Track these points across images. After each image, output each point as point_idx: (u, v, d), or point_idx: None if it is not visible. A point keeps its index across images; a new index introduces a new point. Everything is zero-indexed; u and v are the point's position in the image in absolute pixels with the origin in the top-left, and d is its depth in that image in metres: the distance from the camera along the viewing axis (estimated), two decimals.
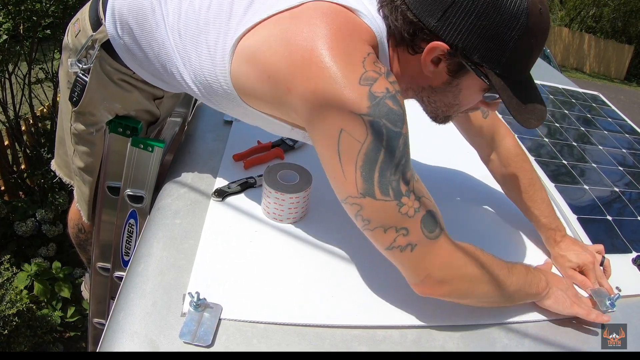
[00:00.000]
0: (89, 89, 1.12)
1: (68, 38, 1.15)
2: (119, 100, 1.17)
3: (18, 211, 2.61)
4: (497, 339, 0.93)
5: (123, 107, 1.18)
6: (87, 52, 1.10)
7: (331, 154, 0.83)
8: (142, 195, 1.21)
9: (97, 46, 1.08)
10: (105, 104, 1.16)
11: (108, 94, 1.15)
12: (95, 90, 1.13)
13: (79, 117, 1.18)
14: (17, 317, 2.01)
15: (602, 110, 2.11)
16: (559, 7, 17.04)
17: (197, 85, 1.00)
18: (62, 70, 1.20)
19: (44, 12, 2.64)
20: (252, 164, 1.27)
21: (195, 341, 0.81)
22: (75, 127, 1.21)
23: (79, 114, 1.17)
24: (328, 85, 0.78)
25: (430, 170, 1.41)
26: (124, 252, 1.31)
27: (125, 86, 1.15)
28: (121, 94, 1.16)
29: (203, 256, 0.99)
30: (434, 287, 0.88)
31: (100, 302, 1.48)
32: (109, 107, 1.17)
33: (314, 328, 0.88)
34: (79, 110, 1.16)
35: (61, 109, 1.27)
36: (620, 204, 1.42)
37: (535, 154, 1.56)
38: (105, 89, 1.14)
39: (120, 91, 1.15)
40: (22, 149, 2.98)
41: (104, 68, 1.11)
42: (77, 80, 1.13)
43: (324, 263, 1.02)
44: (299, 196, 1.09)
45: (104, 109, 1.17)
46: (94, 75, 1.11)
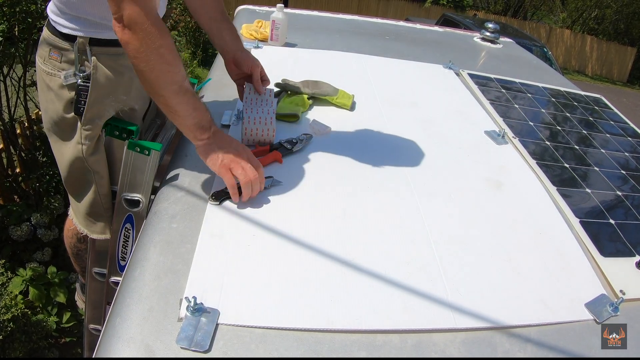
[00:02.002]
0: (94, 88, 1.17)
1: (47, 68, 1.22)
2: (123, 90, 1.22)
3: (13, 215, 2.61)
4: (499, 344, 0.92)
5: (128, 97, 1.24)
6: (82, 57, 1.16)
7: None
8: (139, 199, 1.20)
9: (87, 47, 1.15)
10: (111, 99, 1.21)
11: (113, 87, 1.20)
12: (101, 87, 1.18)
13: (88, 123, 1.20)
14: (12, 323, 2.00)
15: (604, 113, 2.10)
16: (560, 8, 17.12)
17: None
18: (49, 98, 1.25)
19: (39, 13, 2.63)
20: None
21: (193, 346, 0.80)
22: (89, 143, 1.22)
23: (88, 121, 1.19)
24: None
25: (430, 167, 1.40)
26: (120, 256, 1.30)
27: (127, 73, 1.21)
28: (125, 83, 1.21)
29: (200, 260, 0.98)
30: (121, 29, 0.96)
31: (96, 308, 1.47)
32: (115, 101, 1.21)
33: (313, 333, 0.87)
34: (88, 116, 1.18)
35: (60, 149, 1.30)
36: (624, 208, 1.40)
37: (538, 157, 1.55)
38: (110, 83, 1.19)
39: (124, 80, 1.21)
40: (17, 152, 2.96)
41: (104, 62, 1.16)
42: (80, 89, 1.17)
43: (322, 267, 1.01)
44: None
45: (110, 107, 1.21)
46: (96, 75, 1.16)
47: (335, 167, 1.33)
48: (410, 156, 1.44)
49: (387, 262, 1.05)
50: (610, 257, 1.19)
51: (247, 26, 2.30)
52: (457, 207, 1.26)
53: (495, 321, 0.96)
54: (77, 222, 1.41)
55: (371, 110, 1.69)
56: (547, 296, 1.04)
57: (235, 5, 3.02)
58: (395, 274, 1.02)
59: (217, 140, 1.10)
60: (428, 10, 14.76)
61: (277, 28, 2.14)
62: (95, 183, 1.30)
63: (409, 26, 3.08)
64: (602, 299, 1.06)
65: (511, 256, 1.13)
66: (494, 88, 2.07)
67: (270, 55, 2.05)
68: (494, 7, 17.07)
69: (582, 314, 1.02)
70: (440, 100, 1.86)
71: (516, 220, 1.26)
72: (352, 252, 1.06)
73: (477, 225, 1.21)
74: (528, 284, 1.06)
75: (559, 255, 1.17)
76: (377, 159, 1.40)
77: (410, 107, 1.76)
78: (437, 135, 1.59)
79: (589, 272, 1.14)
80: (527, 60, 2.79)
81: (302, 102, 1.61)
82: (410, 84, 1.98)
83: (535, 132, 1.73)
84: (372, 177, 1.31)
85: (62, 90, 1.20)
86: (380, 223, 1.16)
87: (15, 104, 2.83)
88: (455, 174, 1.40)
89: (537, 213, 1.30)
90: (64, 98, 1.20)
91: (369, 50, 2.32)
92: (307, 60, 2.05)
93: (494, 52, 2.82)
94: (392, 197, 1.25)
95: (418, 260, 1.07)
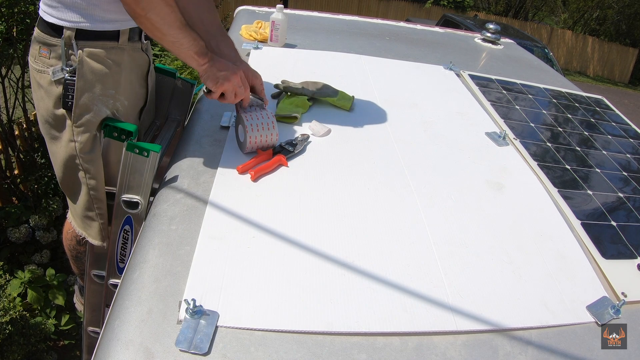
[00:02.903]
0: (80, 81, 1.19)
1: (38, 66, 1.24)
2: (111, 84, 1.24)
3: (11, 217, 2.60)
4: (500, 347, 0.92)
5: (117, 92, 1.26)
6: (68, 52, 1.18)
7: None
8: (138, 200, 1.20)
9: (74, 41, 1.17)
10: (99, 94, 1.22)
11: (100, 81, 1.22)
12: (87, 81, 1.19)
13: (79, 119, 1.20)
14: (10, 325, 2.00)
15: (605, 115, 2.10)
16: (561, 9, 17.10)
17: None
18: (43, 101, 1.26)
19: (37, 14, 2.63)
20: (258, 174, 1.25)
21: (192, 349, 0.80)
22: (81, 140, 1.22)
23: (78, 117, 1.19)
24: None
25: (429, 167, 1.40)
26: (119, 259, 1.29)
27: (114, 67, 1.24)
28: (112, 77, 1.24)
29: (199, 262, 0.97)
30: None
31: (94, 310, 1.47)
32: (103, 95, 1.23)
33: (313, 335, 0.87)
34: (77, 111, 1.18)
35: (54, 151, 1.31)
36: (625, 210, 1.40)
37: (539, 159, 1.54)
38: (96, 77, 1.20)
39: (111, 73, 1.23)
40: (16, 154, 2.95)
41: (90, 56, 1.19)
42: (67, 83, 1.18)
43: (322, 268, 1.01)
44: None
45: (99, 102, 1.22)
46: (82, 68, 1.18)
47: (335, 169, 1.33)
48: (411, 158, 1.44)
49: (387, 263, 1.04)
50: (612, 259, 1.18)
51: (246, 27, 2.29)
52: (458, 209, 1.26)
53: (496, 323, 0.95)
54: (75, 224, 1.41)
55: (371, 112, 1.68)
56: (548, 298, 1.04)
57: (235, 6, 3.02)
58: (395, 276, 1.01)
59: (215, 63, 1.23)
60: (428, 11, 14.75)
61: (276, 29, 2.14)
62: (87, 184, 1.30)
63: (410, 27, 3.08)
64: (603, 302, 1.06)
65: (512, 258, 1.13)
66: (494, 89, 2.06)
67: (269, 56, 2.04)
68: (495, 7, 17.07)
69: (583, 317, 1.02)
70: (440, 102, 1.86)
71: (517, 222, 1.25)
72: (352, 253, 1.05)
73: (477, 227, 1.21)
74: (529, 286, 1.06)
75: (560, 257, 1.16)
76: (377, 160, 1.39)
77: (411, 108, 1.75)
78: (437, 136, 1.59)
79: (591, 274, 1.13)
80: (528, 61, 2.79)
81: (302, 104, 1.61)
82: (410, 85, 1.97)
83: (536, 134, 1.73)
84: (373, 178, 1.31)
85: (51, 86, 1.21)
86: (380, 225, 1.15)
87: (14, 105, 2.83)
88: (456, 176, 1.40)
89: (538, 215, 1.30)
90: (53, 94, 1.21)
91: (369, 51, 2.31)
92: (306, 61, 2.05)
93: (494, 53, 2.81)
94: (392, 198, 1.25)
95: (418, 262, 1.06)
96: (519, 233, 1.22)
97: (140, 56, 1.35)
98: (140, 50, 1.34)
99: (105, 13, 1.19)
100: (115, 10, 1.19)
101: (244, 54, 2.02)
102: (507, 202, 1.32)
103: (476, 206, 1.28)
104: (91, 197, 1.33)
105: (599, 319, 1.01)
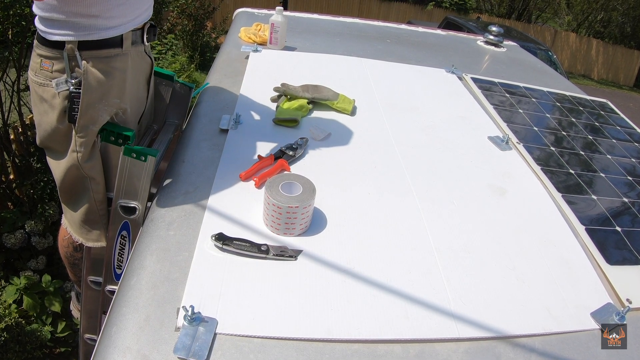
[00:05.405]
0: (86, 93, 1.15)
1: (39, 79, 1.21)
2: (116, 92, 1.21)
3: (6, 223, 2.59)
4: (503, 354, 0.91)
5: (122, 100, 1.23)
6: (72, 64, 1.15)
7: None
8: (135, 206, 1.19)
9: (77, 52, 1.14)
10: (104, 103, 1.19)
11: (105, 91, 1.18)
12: (93, 91, 1.16)
13: (83, 130, 1.19)
14: (5, 332, 1.99)
15: (610, 118, 2.09)
16: (565, 11, 17.09)
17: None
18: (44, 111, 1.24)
19: (33, 16, 2.63)
20: (262, 180, 1.23)
21: (190, 357, 0.80)
22: (83, 150, 1.22)
23: (82, 128, 1.18)
24: None
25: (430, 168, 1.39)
26: (116, 265, 1.28)
27: (120, 75, 1.20)
28: (117, 85, 1.20)
29: (197, 269, 0.96)
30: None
31: (91, 317, 1.46)
32: (108, 105, 1.20)
33: (313, 343, 0.86)
34: (82, 123, 1.16)
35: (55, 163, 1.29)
36: (630, 215, 1.39)
37: (542, 163, 1.53)
38: (101, 86, 1.17)
39: (115, 82, 1.20)
40: (11, 159, 2.92)
41: (95, 65, 1.16)
42: (73, 96, 1.15)
43: (322, 275, 1.00)
44: (298, 206, 1.06)
45: (104, 111, 1.20)
46: (87, 79, 1.15)
47: (336, 174, 1.32)
48: (412, 162, 1.43)
49: (389, 270, 1.03)
50: (617, 265, 1.17)
51: (245, 29, 2.28)
52: (460, 214, 1.25)
53: (498, 330, 0.94)
54: (72, 231, 1.40)
55: (372, 115, 1.68)
56: (552, 305, 1.03)
57: (234, 8, 3.02)
58: (396, 282, 1.00)
59: None
60: (430, 13, 14.75)
61: (276, 31, 2.13)
62: (91, 190, 1.29)
63: (411, 29, 3.07)
64: (608, 308, 1.05)
65: (515, 264, 1.12)
66: (497, 92, 2.05)
67: (269, 59, 2.04)
68: (498, 9, 17.07)
69: (587, 323, 1.01)
70: (442, 105, 1.85)
71: (520, 228, 1.24)
72: (353, 259, 1.04)
73: (480, 233, 1.20)
74: (532, 292, 1.05)
75: (564, 263, 1.15)
76: (379, 164, 1.38)
77: (412, 112, 1.74)
78: (439, 140, 1.58)
79: (595, 280, 1.12)
80: (531, 64, 2.78)
81: (302, 107, 1.60)
82: (412, 88, 1.96)
83: (540, 138, 1.72)
84: (374, 183, 1.30)
85: (55, 99, 1.18)
86: (382, 230, 1.14)
87: (9, 109, 2.81)
88: (458, 180, 1.39)
89: (541, 220, 1.29)
90: (57, 107, 1.19)
91: (370, 53, 2.31)
92: (306, 64, 2.04)
93: (497, 55, 2.81)
94: (393, 203, 1.24)
95: (420, 268, 1.05)
96: (522, 238, 1.21)
97: (143, 59, 1.33)
98: (143, 53, 1.32)
99: (107, 21, 1.16)
100: (117, 16, 1.17)
101: (243, 57, 2.02)
102: (510, 207, 1.30)
103: (479, 211, 1.27)
104: (94, 203, 1.32)
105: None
